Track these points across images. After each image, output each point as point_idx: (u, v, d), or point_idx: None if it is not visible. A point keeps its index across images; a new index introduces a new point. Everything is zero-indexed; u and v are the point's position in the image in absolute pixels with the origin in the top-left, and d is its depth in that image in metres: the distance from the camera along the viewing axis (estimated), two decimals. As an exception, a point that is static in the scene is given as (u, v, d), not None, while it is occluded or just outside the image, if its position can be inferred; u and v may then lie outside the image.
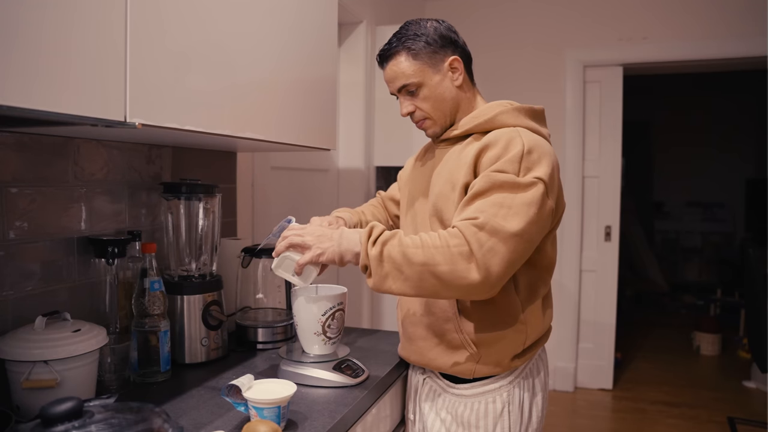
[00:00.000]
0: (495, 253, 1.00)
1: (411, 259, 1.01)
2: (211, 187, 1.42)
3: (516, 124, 1.16)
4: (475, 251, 0.99)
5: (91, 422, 0.78)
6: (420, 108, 1.21)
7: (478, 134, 1.18)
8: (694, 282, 6.46)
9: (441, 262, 1.00)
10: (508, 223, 1.01)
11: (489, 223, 1.00)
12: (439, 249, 1.01)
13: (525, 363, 1.20)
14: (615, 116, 3.49)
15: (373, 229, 1.06)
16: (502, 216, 1.01)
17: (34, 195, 1.16)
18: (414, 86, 1.19)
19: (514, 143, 1.08)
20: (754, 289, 2.70)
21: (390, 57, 1.21)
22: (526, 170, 1.06)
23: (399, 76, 1.19)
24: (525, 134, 1.11)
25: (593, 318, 3.57)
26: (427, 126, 1.24)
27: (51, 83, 0.75)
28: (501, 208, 1.02)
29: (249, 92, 1.22)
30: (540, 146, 1.10)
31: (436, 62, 1.18)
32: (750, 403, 3.43)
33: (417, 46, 1.17)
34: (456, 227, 1.03)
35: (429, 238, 1.03)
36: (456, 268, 1.00)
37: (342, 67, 2.85)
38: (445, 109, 1.21)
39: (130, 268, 1.31)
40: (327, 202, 2.78)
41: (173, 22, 0.99)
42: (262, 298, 1.58)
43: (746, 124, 6.45)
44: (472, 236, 1.00)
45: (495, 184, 1.05)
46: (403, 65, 1.18)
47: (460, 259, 1.00)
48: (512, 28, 3.52)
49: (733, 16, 3.17)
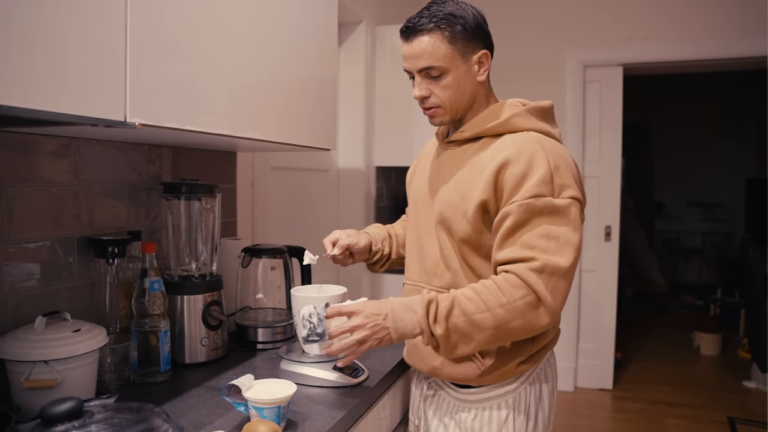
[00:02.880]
0: (558, 291, 1.01)
1: (481, 325, 1.00)
2: (211, 187, 1.42)
3: (529, 127, 1.11)
4: (543, 297, 0.99)
5: (91, 422, 0.78)
6: (436, 95, 1.12)
7: (490, 137, 1.14)
8: (694, 282, 6.47)
9: (512, 319, 1.00)
10: (562, 258, 1.00)
11: (548, 265, 0.99)
12: (506, 307, 0.99)
13: (532, 368, 1.16)
14: (615, 116, 3.49)
15: (429, 306, 1.02)
16: (553, 250, 1.00)
17: (34, 195, 1.16)
18: (439, 71, 1.10)
19: (539, 160, 1.04)
20: (754, 289, 2.69)
21: (420, 32, 1.09)
22: (560, 189, 1.03)
23: (425, 56, 1.09)
24: (545, 144, 1.07)
25: (593, 318, 3.57)
26: (437, 114, 1.15)
27: (51, 83, 0.75)
28: (549, 241, 1.01)
29: (249, 92, 1.22)
30: (560, 155, 1.07)
31: (467, 51, 1.10)
32: (750, 403, 3.43)
33: (455, 29, 1.08)
34: (514, 274, 1.01)
35: (491, 295, 1.00)
36: (527, 319, 1.00)
37: (342, 67, 2.85)
38: (462, 103, 1.14)
39: (130, 268, 1.31)
40: (327, 202, 2.78)
41: (173, 22, 0.99)
42: (262, 298, 1.58)
43: (746, 124, 6.45)
44: (535, 283, 0.99)
45: (535, 212, 1.02)
46: (434, 45, 1.08)
47: (529, 310, 1.00)
48: (512, 27, 3.52)
49: (733, 16, 3.17)
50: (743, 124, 6.48)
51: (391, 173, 3.35)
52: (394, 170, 3.37)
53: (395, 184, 3.42)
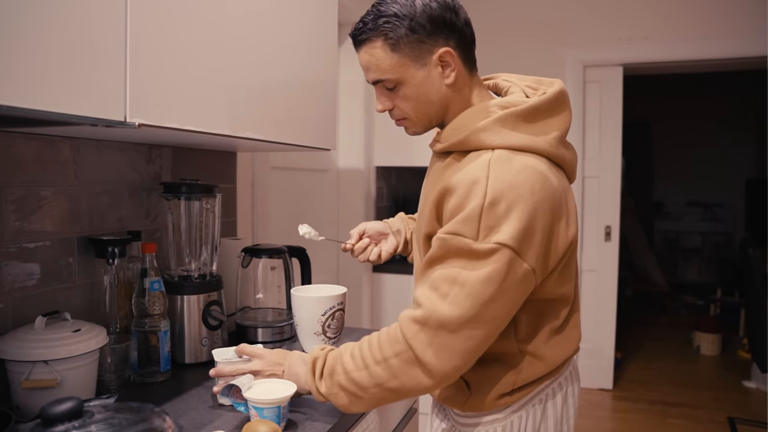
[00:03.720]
0: (444, 349, 0.85)
1: (360, 384, 0.91)
2: (211, 187, 1.42)
3: (496, 144, 0.91)
4: (420, 354, 0.86)
5: (91, 422, 0.78)
6: (398, 106, 0.99)
7: (458, 153, 0.98)
8: (694, 282, 6.47)
9: (388, 378, 0.89)
10: (454, 311, 0.84)
11: (432, 317, 0.85)
12: (382, 365, 0.89)
13: (520, 399, 1.00)
14: (615, 116, 3.49)
15: (315, 363, 0.96)
16: (451, 299, 0.85)
17: (35, 195, 1.16)
18: (391, 83, 0.95)
19: (474, 193, 0.85)
20: (754, 289, 2.69)
21: (362, 42, 0.95)
22: (486, 231, 0.84)
23: (372, 68, 0.96)
24: (496, 171, 0.87)
25: (593, 318, 3.57)
26: (407, 125, 1.02)
27: (51, 83, 0.75)
28: (453, 286, 0.85)
29: (249, 92, 1.22)
30: (513, 187, 0.85)
31: (421, 54, 0.93)
32: (750, 403, 3.43)
33: (397, 32, 0.91)
34: (398, 325, 0.90)
35: (369, 351, 0.91)
36: (403, 380, 0.88)
37: (342, 67, 2.85)
38: (429, 112, 0.98)
39: (130, 268, 1.31)
40: (327, 202, 2.78)
41: (173, 22, 0.99)
42: (262, 298, 1.58)
43: (746, 124, 6.45)
44: (413, 337, 0.86)
45: (450, 251, 0.87)
46: (377, 56, 0.94)
47: (405, 368, 0.88)
48: (512, 27, 3.52)
49: (733, 16, 3.17)
50: (743, 124, 6.49)
51: (391, 173, 3.35)
52: (394, 170, 3.37)
53: (395, 184, 3.42)
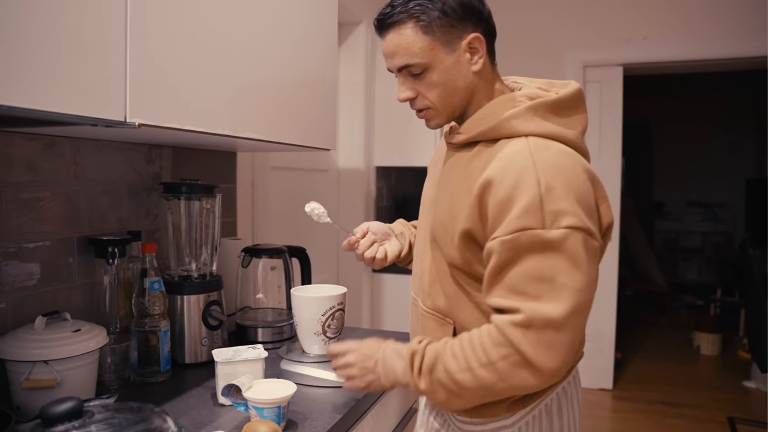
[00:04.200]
0: (552, 347, 0.83)
1: (464, 385, 0.87)
2: (211, 187, 1.42)
3: (529, 131, 0.91)
4: (530, 357, 0.83)
5: (91, 422, 0.78)
6: (423, 95, 0.96)
7: (485, 143, 0.96)
8: (694, 282, 6.46)
9: (496, 381, 0.85)
10: (556, 307, 0.81)
11: (536, 319, 0.82)
12: (488, 368, 0.85)
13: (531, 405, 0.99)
14: (615, 116, 3.49)
15: (414, 358, 0.91)
16: (547, 297, 0.82)
17: (34, 195, 1.16)
18: (419, 68, 0.93)
19: (526, 180, 0.83)
20: (754, 289, 2.69)
21: (392, 25, 0.93)
22: (552, 217, 0.82)
23: (401, 53, 0.93)
24: (540, 157, 0.86)
25: (593, 318, 3.55)
26: (429, 116, 1.00)
27: (51, 83, 0.75)
28: (542, 285, 0.82)
29: (249, 92, 1.22)
30: (560, 171, 0.85)
31: (451, 39, 0.92)
32: (750, 403, 3.43)
33: (430, 15, 0.91)
34: (498, 329, 0.85)
35: (472, 353, 0.86)
36: (513, 382, 0.85)
37: (342, 67, 2.85)
38: (455, 100, 0.96)
39: (130, 268, 1.31)
40: (327, 202, 2.78)
41: (173, 22, 0.99)
42: (262, 298, 1.58)
43: (746, 124, 6.45)
44: (521, 341, 0.83)
45: (521, 250, 0.83)
46: (408, 39, 0.92)
47: (513, 371, 0.84)
48: (512, 27, 3.52)
49: (733, 16, 3.17)
50: (743, 124, 6.48)
51: (391, 173, 3.35)
52: (394, 170, 3.37)
53: (395, 184, 3.42)
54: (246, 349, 1.14)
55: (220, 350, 1.12)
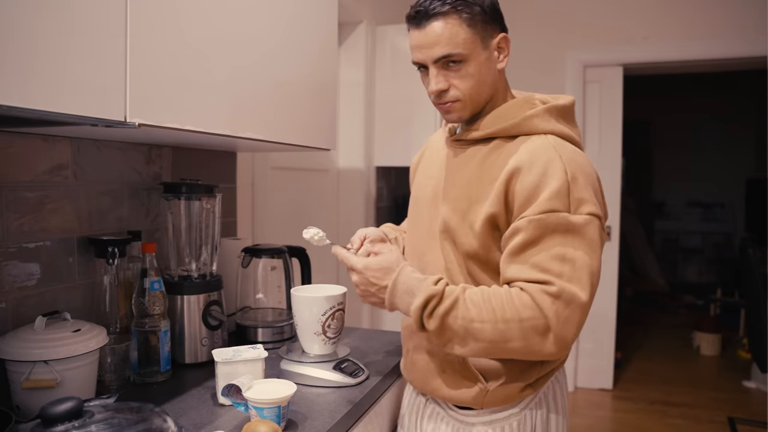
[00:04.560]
0: (572, 322, 0.90)
1: (477, 335, 0.91)
2: (211, 187, 1.42)
3: (547, 129, 1.00)
4: (553, 325, 0.89)
5: (91, 422, 0.78)
6: (456, 86, 1.00)
7: (502, 139, 1.03)
8: (694, 282, 6.47)
9: (513, 338, 0.90)
10: (581, 287, 0.90)
11: (565, 291, 0.89)
12: (510, 324, 0.90)
13: (541, 389, 1.06)
14: (615, 116, 3.49)
15: (430, 301, 0.93)
16: (569, 276, 0.90)
17: (35, 195, 1.16)
18: (460, 58, 0.98)
19: (554, 169, 0.93)
20: (754, 289, 2.69)
21: (435, 16, 0.97)
22: (576, 204, 0.92)
23: (443, 42, 0.97)
24: (563, 151, 0.96)
25: (593, 318, 3.55)
26: (455, 109, 1.03)
27: (51, 83, 0.75)
28: (564, 264, 0.90)
29: (249, 92, 1.22)
30: (580, 165, 0.95)
31: (486, 36, 0.99)
32: (750, 403, 3.43)
33: (473, 11, 0.97)
34: (527, 293, 0.91)
35: (498, 307, 0.91)
36: (530, 343, 0.91)
37: (342, 67, 2.85)
38: (483, 95, 1.03)
39: (130, 268, 1.31)
40: (327, 202, 2.78)
41: (173, 22, 0.99)
42: (262, 298, 1.58)
43: (746, 124, 6.45)
44: (549, 308, 0.89)
45: (548, 229, 0.91)
46: (453, 30, 0.96)
47: (534, 334, 0.90)
48: (512, 27, 3.51)
49: (733, 16, 3.17)
50: (743, 124, 6.48)
51: (391, 173, 3.35)
52: (394, 170, 3.37)
53: (395, 184, 3.42)
54: (246, 349, 1.14)
55: (220, 350, 1.13)
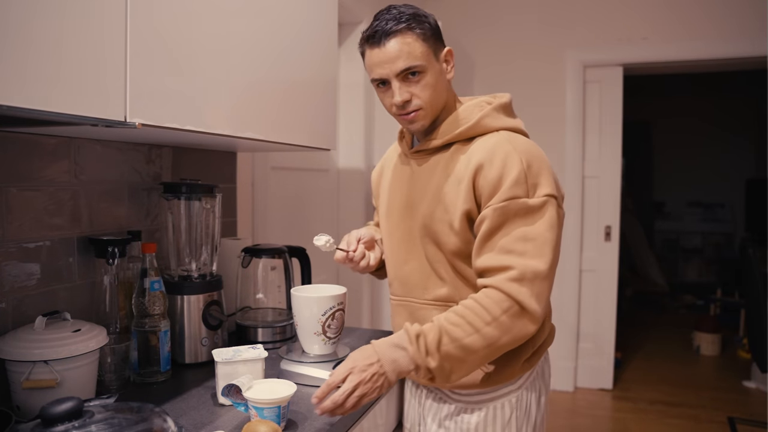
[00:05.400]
0: (541, 295, 0.99)
1: (472, 348, 0.97)
2: (211, 187, 1.42)
3: (498, 126, 1.11)
4: (527, 305, 0.98)
5: (91, 422, 0.78)
6: (417, 96, 1.08)
7: (461, 143, 1.12)
8: (694, 282, 6.46)
9: (500, 335, 0.98)
10: (541, 260, 0.99)
11: (526, 271, 0.98)
12: (492, 324, 0.97)
13: (536, 364, 1.16)
14: (615, 116, 3.48)
15: (419, 340, 0.97)
16: (531, 254, 0.99)
17: (35, 195, 1.16)
18: (420, 69, 1.07)
19: (512, 161, 1.03)
20: (754, 289, 2.69)
21: (393, 33, 1.06)
22: (533, 188, 1.02)
23: (404, 56, 1.05)
24: (516, 143, 1.06)
25: (593, 318, 3.57)
26: (419, 117, 1.11)
27: (51, 83, 0.75)
28: (527, 243, 1.00)
29: (249, 92, 1.22)
30: (532, 153, 1.06)
31: (437, 49, 1.10)
32: (750, 403, 3.43)
33: (424, 27, 1.08)
34: (495, 288, 0.99)
35: (476, 316, 0.98)
36: (514, 332, 0.99)
37: (342, 67, 2.85)
38: (440, 102, 1.12)
39: (130, 268, 1.31)
40: (327, 202, 2.78)
41: (173, 22, 0.99)
42: (262, 298, 1.58)
43: (746, 124, 6.45)
44: (517, 293, 0.98)
45: (510, 215, 1.01)
46: (411, 45, 1.06)
47: (515, 322, 0.98)
48: (512, 28, 3.52)
49: (733, 16, 3.16)
50: (743, 124, 6.48)
51: (391, 173, 3.35)
52: (394, 170, 3.37)
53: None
54: (246, 349, 1.14)
55: (220, 350, 1.13)
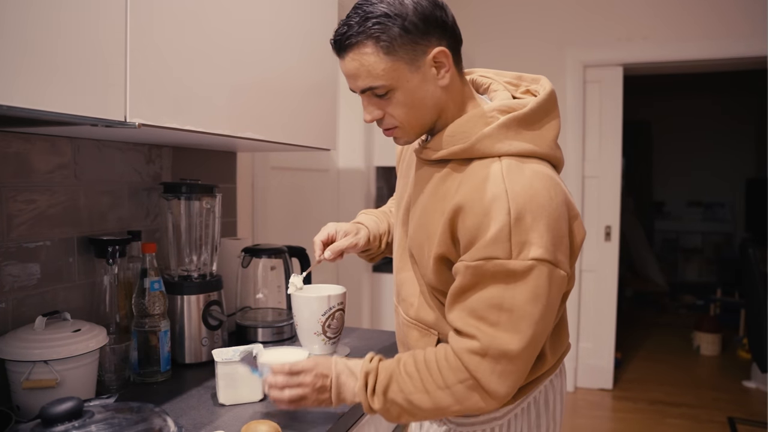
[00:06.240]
0: (506, 375, 0.85)
1: (419, 406, 0.89)
2: (211, 187, 1.42)
3: (503, 151, 0.88)
4: (485, 383, 0.85)
5: (91, 422, 0.78)
6: (390, 114, 0.91)
7: (457, 162, 0.92)
8: (694, 282, 6.46)
9: (451, 404, 0.88)
10: (513, 337, 0.83)
11: (491, 347, 0.84)
12: (445, 391, 0.87)
13: (522, 398, 1.00)
14: (615, 116, 3.48)
15: (368, 377, 0.91)
16: (504, 326, 0.83)
17: (35, 195, 1.16)
18: (384, 90, 0.87)
19: (496, 210, 0.82)
20: (754, 289, 2.69)
21: (350, 47, 0.86)
22: (519, 248, 0.81)
23: (362, 75, 0.87)
24: (512, 181, 0.84)
25: (593, 318, 3.57)
26: (398, 134, 0.94)
27: (51, 83, 0.75)
28: (501, 313, 0.83)
29: (249, 92, 1.22)
30: (533, 198, 0.83)
31: (415, 57, 0.85)
32: (750, 403, 3.43)
33: (390, 33, 0.83)
34: (456, 355, 0.87)
35: (430, 377, 0.88)
36: (467, 404, 0.88)
37: (342, 67, 2.85)
38: (422, 118, 0.91)
39: (130, 268, 1.31)
40: (327, 202, 2.78)
41: (173, 22, 0.99)
42: (262, 298, 1.58)
43: (746, 124, 6.45)
44: (476, 369, 0.85)
45: (485, 276, 0.83)
46: (369, 61, 0.85)
47: (470, 394, 0.87)
48: (512, 27, 3.52)
49: (733, 16, 3.17)
50: (743, 124, 6.48)
51: (391, 173, 3.35)
52: (394, 170, 3.37)
53: (395, 184, 3.43)
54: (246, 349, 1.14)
55: (220, 350, 1.13)
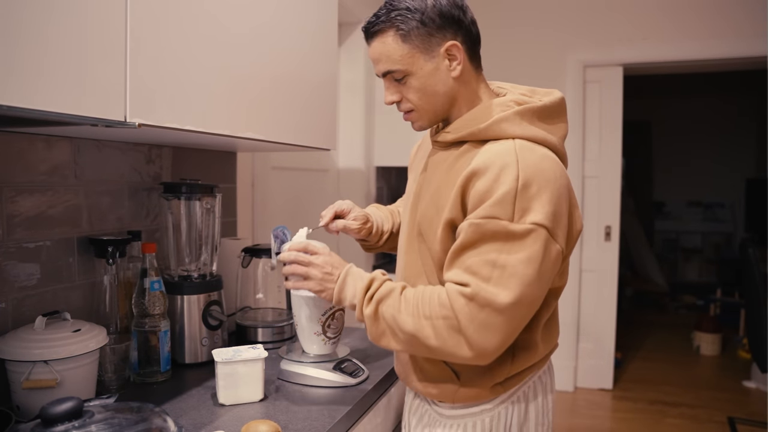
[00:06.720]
0: (488, 327, 0.89)
1: (401, 326, 0.94)
2: (211, 187, 1.42)
3: (517, 134, 0.96)
4: (464, 327, 0.89)
5: (91, 422, 0.78)
6: (407, 98, 1.02)
7: (472, 143, 1.01)
8: (694, 282, 6.47)
9: (430, 336, 0.92)
10: (501, 291, 0.88)
11: (479, 294, 0.88)
12: (430, 321, 0.92)
13: (512, 389, 1.03)
14: (615, 116, 3.48)
15: (372, 283, 0.98)
16: (495, 281, 0.88)
17: (35, 195, 1.16)
18: (400, 74, 1.00)
19: (506, 176, 0.89)
20: (754, 289, 2.69)
21: (375, 34, 1.00)
22: (521, 212, 0.88)
23: (383, 59, 1.00)
24: (524, 156, 0.92)
25: (593, 318, 3.57)
26: (413, 118, 1.05)
27: (51, 83, 0.75)
28: (494, 269, 0.88)
29: (249, 92, 1.22)
30: (541, 172, 0.91)
31: (430, 47, 0.98)
32: (750, 403, 3.43)
33: (408, 25, 0.96)
34: (447, 293, 0.92)
35: (422, 303, 0.94)
36: (445, 343, 0.91)
37: (342, 67, 2.85)
38: (436, 104, 1.02)
39: (130, 268, 1.31)
40: (327, 202, 2.78)
41: (173, 22, 0.99)
42: (262, 298, 1.58)
43: (746, 124, 6.45)
44: (461, 309, 0.89)
45: (485, 235, 0.90)
46: (389, 47, 0.98)
47: (450, 334, 0.90)
48: (512, 28, 3.52)
49: (733, 16, 3.17)
50: (743, 124, 6.48)
51: (391, 173, 3.35)
52: (394, 170, 3.38)
53: (395, 184, 3.42)
54: (246, 349, 1.14)
55: (220, 350, 1.13)
